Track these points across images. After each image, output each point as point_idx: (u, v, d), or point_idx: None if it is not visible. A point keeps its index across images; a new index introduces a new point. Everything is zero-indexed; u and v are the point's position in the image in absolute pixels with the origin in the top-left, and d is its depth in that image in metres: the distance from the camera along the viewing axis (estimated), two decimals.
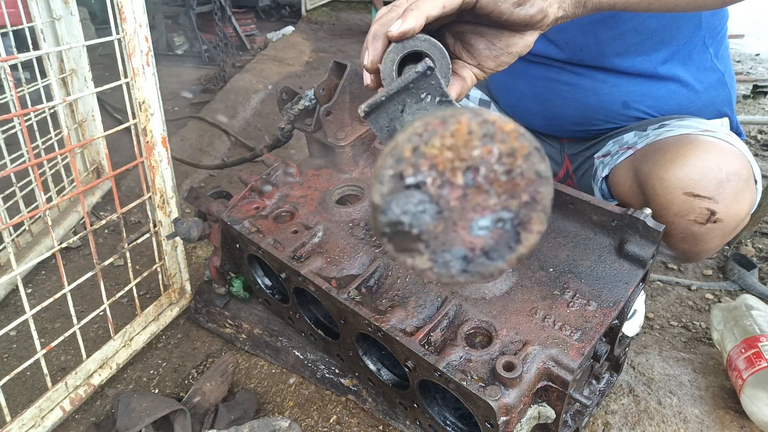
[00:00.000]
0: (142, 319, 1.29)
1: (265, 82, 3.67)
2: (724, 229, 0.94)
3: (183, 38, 4.57)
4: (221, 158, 2.55)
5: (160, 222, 1.25)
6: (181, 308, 1.39)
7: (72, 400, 1.11)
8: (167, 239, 1.30)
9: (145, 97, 1.12)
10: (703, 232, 0.94)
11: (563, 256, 0.95)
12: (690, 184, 0.91)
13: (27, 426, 1.03)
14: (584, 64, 1.21)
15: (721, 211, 0.91)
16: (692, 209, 0.92)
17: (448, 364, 0.80)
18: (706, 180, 0.90)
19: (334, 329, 1.11)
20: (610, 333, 0.91)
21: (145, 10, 1.06)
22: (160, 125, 1.17)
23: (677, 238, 0.98)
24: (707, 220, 0.92)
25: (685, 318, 1.47)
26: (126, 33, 1.04)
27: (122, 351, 1.24)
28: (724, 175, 0.90)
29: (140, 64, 1.08)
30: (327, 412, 1.13)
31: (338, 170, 1.22)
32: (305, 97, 1.21)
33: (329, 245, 1.06)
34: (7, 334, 1.38)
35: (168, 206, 1.25)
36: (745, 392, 1.04)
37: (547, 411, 0.82)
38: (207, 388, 1.13)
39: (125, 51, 1.07)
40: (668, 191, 0.93)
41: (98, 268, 1.12)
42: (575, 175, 1.42)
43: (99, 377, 1.18)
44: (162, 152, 1.19)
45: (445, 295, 0.92)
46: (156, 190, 1.22)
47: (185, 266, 1.36)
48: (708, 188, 0.90)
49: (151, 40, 1.08)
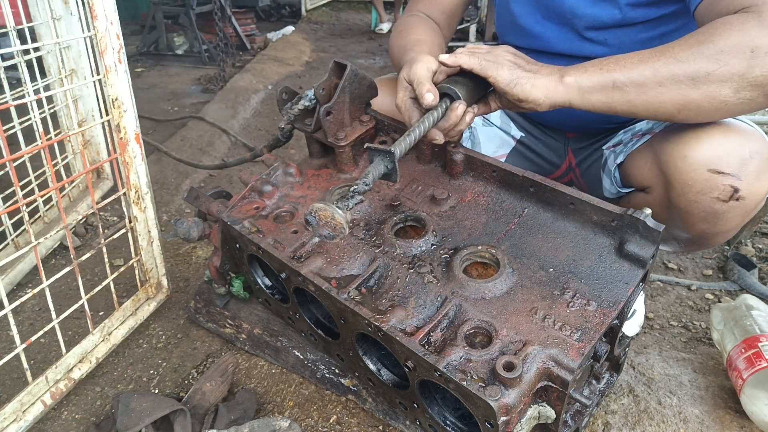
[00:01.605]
0: (120, 314, 1.30)
1: (265, 82, 3.68)
2: (745, 208, 0.95)
3: (183, 38, 4.58)
4: (221, 158, 2.55)
5: (136, 218, 1.26)
6: (158, 303, 1.40)
7: (53, 394, 1.12)
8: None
9: (118, 94, 1.12)
10: (725, 210, 0.95)
11: (563, 256, 0.95)
12: (714, 161, 0.91)
13: (9, 420, 1.04)
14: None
15: (743, 188, 0.92)
16: (716, 186, 0.92)
17: (448, 364, 0.80)
18: (729, 157, 0.91)
19: (334, 329, 1.11)
20: (610, 333, 0.91)
21: (115, 8, 1.06)
22: (134, 122, 1.17)
23: (698, 218, 0.98)
24: (730, 197, 0.93)
25: (685, 318, 1.47)
26: (98, 30, 1.05)
27: (101, 345, 1.24)
28: (747, 152, 0.91)
29: (112, 62, 1.08)
30: (327, 412, 1.13)
31: (338, 170, 1.22)
32: (305, 97, 1.21)
33: (329, 245, 1.06)
34: (7, 335, 1.38)
35: (143, 202, 1.26)
36: (745, 392, 1.04)
37: (547, 411, 0.82)
38: (207, 388, 1.13)
39: (97, 48, 1.07)
40: (692, 168, 0.93)
41: (75, 263, 1.13)
42: (578, 168, 1.42)
43: (79, 371, 1.18)
44: (136, 148, 1.20)
45: (445, 295, 0.92)
46: (131, 186, 1.23)
47: (161, 261, 1.37)
48: (732, 165, 0.91)
49: (122, 38, 1.09)
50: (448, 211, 1.08)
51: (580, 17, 1.18)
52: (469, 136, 1.44)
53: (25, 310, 1.45)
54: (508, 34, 1.37)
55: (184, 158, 2.34)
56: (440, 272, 0.97)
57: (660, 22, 1.14)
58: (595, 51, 1.21)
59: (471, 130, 1.44)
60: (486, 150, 1.43)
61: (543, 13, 1.25)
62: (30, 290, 1.08)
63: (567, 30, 1.23)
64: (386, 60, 4.27)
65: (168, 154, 2.36)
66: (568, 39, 1.23)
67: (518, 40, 1.34)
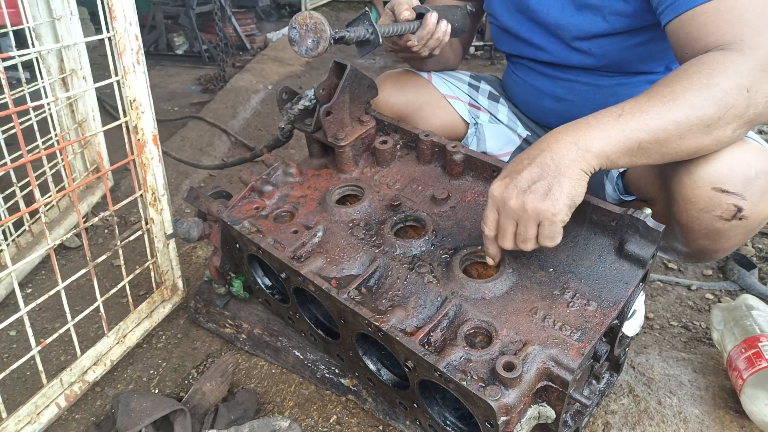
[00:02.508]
0: (135, 316, 1.29)
1: (265, 82, 3.67)
2: (747, 227, 0.93)
3: (183, 38, 4.57)
4: (221, 158, 2.55)
5: (152, 219, 1.26)
6: (173, 305, 1.40)
7: (67, 397, 1.12)
8: (167, 239, 1.30)
9: (136, 95, 1.12)
10: (727, 229, 0.93)
11: (563, 256, 0.95)
12: (719, 179, 0.90)
13: (23, 422, 1.04)
14: (608, 70, 1.24)
15: (747, 208, 0.90)
16: (719, 205, 0.91)
17: (448, 364, 0.80)
18: (734, 176, 0.89)
19: (334, 329, 1.11)
20: (610, 333, 0.91)
21: (135, 9, 1.06)
22: (151, 123, 1.17)
23: (698, 234, 0.97)
24: (733, 217, 0.91)
25: (685, 318, 1.47)
26: (116, 31, 1.05)
27: (116, 348, 1.24)
28: (753, 172, 0.89)
29: (131, 62, 1.08)
30: (327, 412, 1.13)
31: (338, 170, 1.22)
32: (305, 97, 1.21)
33: (329, 245, 1.06)
34: (8, 335, 1.38)
35: (160, 204, 1.25)
36: (745, 392, 1.04)
37: (547, 411, 0.82)
38: (207, 388, 1.13)
39: (116, 49, 1.07)
40: (696, 185, 0.92)
41: (91, 265, 1.12)
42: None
43: (93, 374, 1.18)
44: (153, 150, 1.19)
45: (445, 295, 0.92)
46: (147, 187, 1.22)
47: (177, 263, 1.36)
48: (737, 184, 0.89)
49: (141, 39, 1.09)
50: (448, 211, 1.08)
51: (565, 28, 1.21)
52: (475, 132, 1.45)
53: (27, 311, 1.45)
54: (501, 43, 1.41)
55: (184, 158, 2.34)
56: (440, 272, 0.97)
57: (645, 30, 1.14)
58: (582, 60, 1.23)
59: (477, 126, 1.44)
60: (491, 147, 1.42)
61: (530, 23, 1.29)
62: (30, 289, 1.07)
63: (554, 39, 1.26)
64: (386, 60, 4.27)
65: (168, 154, 2.36)
66: (556, 48, 1.26)
67: (511, 48, 1.38)
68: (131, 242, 1.31)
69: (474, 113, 1.46)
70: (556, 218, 0.82)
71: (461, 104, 1.44)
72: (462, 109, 1.44)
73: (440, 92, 1.43)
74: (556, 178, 0.82)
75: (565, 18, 1.19)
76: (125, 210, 1.89)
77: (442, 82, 1.45)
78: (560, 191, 0.81)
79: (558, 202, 0.81)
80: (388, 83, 1.41)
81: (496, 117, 1.48)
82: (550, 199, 0.81)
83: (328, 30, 0.95)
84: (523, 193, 0.83)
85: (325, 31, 0.95)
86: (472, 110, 1.46)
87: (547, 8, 1.22)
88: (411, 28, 1.17)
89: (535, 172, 0.83)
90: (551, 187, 0.81)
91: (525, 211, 0.82)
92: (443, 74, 1.48)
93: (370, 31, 1.04)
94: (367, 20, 1.04)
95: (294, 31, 0.97)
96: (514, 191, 0.83)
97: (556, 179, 0.82)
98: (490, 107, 1.49)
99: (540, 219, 0.82)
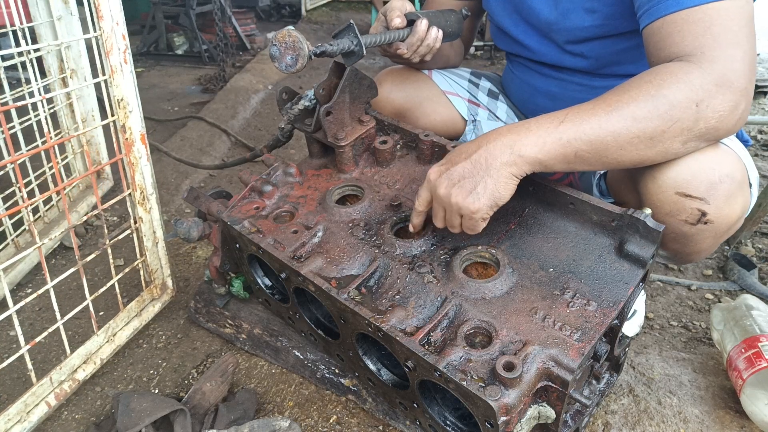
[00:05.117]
0: (125, 315, 1.29)
1: (265, 82, 3.67)
2: (715, 231, 0.93)
3: (183, 38, 4.57)
4: (221, 158, 2.55)
5: (141, 218, 1.26)
6: (163, 304, 1.40)
7: (57, 395, 1.12)
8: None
9: (123, 95, 1.12)
10: (694, 233, 0.93)
11: (563, 256, 0.95)
12: (682, 184, 0.90)
13: (13, 421, 1.03)
14: (601, 72, 1.24)
15: (712, 213, 0.90)
16: (683, 209, 0.91)
17: (448, 364, 0.80)
18: (697, 181, 0.89)
19: (334, 329, 1.11)
20: (610, 333, 0.91)
21: (121, 8, 1.06)
22: (139, 122, 1.17)
23: (668, 238, 0.97)
24: (698, 221, 0.91)
25: (685, 318, 1.47)
26: (103, 31, 1.05)
27: (106, 346, 1.24)
28: (716, 176, 0.89)
29: (118, 62, 1.08)
30: (327, 412, 1.13)
31: (338, 170, 1.22)
32: (305, 97, 1.21)
33: (329, 245, 1.06)
34: (7, 335, 1.38)
35: (148, 202, 1.25)
36: (745, 392, 1.04)
37: (547, 411, 0.82)
38: (207, 388, 1.13)
39: (103, 49, 1.07)
40: (660, 190, 0.92)
41: (80, 264, 1.13)
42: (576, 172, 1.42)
43: (83, 372, 1.18)
44: (141, 149, 1.19)
45: (445, 295, 0.92)
46: (136, 186, 1.22)
47: (166, 262, 1.37)
48: (699, 189, 0.89)
49: (128, 38, 1.09)
50: None
51: (557, 31, 1.21)
52: (473, 129, 1.45)
53: (25, 310, 1.45)
54: (500, 41, 1.42)
55: (184, 158, 2.34)
56: (440, 272, 0.97)
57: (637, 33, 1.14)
58: (575, 63, 1.24)
59: (475, 123, 1.45)
60: None
61: (525, 25, 1.29)
62: (30, 290, 1.07)
63: (548, 42, 1.26)
64: (386, 60, 4.27)
65: (168, 154, 2.36)
66: (549, 50, 1.27)
67: (509, 47, 1.39)
68: (131, 242, 1.31)
69: (473, 110, 1.47)
70: (476, 215, 0.88)
71: (460, 101, 1.45)
72: (461, 105, 1.44)
73: (440, 88, 1.43)
74: (484, 179, 0.87)
75: (558, 21, 1.20)
76: (125, 210, 1.89)
77: (443, 78, 1.46)
78: (484, 191, 0.86)
79: (478, 201, 0.87)
80: (388, 79, 1.41)
81: (494, 114, 1.48)
82: (472, 197, 0.87)
83: (305, 48, 0.98)
84: (452, 186, 0.89)
85: (303, 49, 0.98)
86: (471, 107, 1.47)
87: (540, 10, 1.22)
88: (400, 36, 1.19)
89: (467, 168, 0.88)
90: (477, 185, 0.87)
91: (449, 203, 0.89)
92: (444, 70, 1.49)
93: (354, 42, 1.06)
94: (351, 32, 1.06)
95: (274, 48, 1.00)
96: (445, 182, 0.90)
97: (483, 179, 0.87)
98: (490, 104, 1.49)
99: (462, 213, 0.89)
